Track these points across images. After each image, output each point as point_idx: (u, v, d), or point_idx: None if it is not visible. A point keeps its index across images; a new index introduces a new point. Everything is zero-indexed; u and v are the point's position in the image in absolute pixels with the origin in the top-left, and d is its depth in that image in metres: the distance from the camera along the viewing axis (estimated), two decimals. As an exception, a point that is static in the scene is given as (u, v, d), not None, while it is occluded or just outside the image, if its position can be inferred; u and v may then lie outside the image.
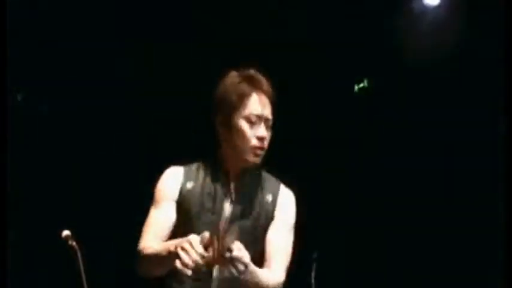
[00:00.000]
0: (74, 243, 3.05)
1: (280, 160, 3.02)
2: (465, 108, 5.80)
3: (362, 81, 6.19)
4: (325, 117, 6.09)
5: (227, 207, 2.96)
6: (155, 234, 2.92)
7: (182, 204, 2.97)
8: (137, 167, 5.65)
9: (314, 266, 5.01)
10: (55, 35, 5.66)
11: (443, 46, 5.54)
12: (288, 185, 3.11)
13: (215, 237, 2.60)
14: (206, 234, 2.59)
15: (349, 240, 6.03)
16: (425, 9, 5.68)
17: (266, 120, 2.96)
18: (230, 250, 2.60)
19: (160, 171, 3.15)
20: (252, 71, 3.01)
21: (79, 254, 3.06)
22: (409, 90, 6.01)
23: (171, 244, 2.68)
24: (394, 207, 6.00)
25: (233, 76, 3.00)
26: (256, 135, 2.93)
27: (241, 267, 2.62)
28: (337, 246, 5.90)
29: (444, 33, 5.56)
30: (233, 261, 2.60)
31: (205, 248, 2.58)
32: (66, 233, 3.08)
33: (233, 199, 2.97)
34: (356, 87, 6.20)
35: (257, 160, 2.98)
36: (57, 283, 5.27)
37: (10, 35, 3.77)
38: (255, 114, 2.93)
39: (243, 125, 2.93)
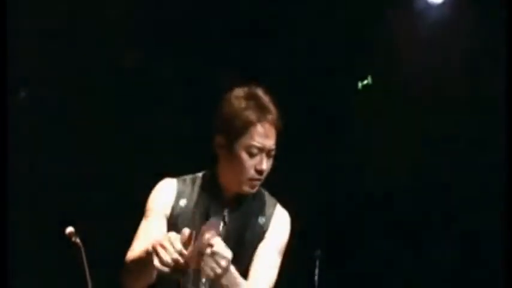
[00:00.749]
0: (78, 240, 3.04)
1: (283, 157, 2.97)
2: (469, 106, 5.80)
3: (366, 78, 6.16)
4: (327, 113, 6.09)
5: (216, 219, 2.83)
6: (144, 246, 2.76)
7: (173, 222, 2.87)
8: (141, 164, 5.65)
9: (317, 264, 5.01)
10: (58, 31, 5.66)
11: (447, 43, 5.55)
12: (285, 204, 3.01)
13: (195, 234, 2.50)
14: (186, 231, 2.47)
15: (351, 238, 6.03)
16: (429, 6, 5.68)
17: (269, 151, 2.84)
18: (211, 245, 2.51)
19: (162, 168, 3.12)
20: (259, 93, 2.85)
21: (83, 251, 3.05)
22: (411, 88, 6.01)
23: (149, 243, 2.55)
24: (397, 203, 6.02)
25: (239, 98, 2.83)
26: (256, 167, 2.82)
27: (223, 262, 2.50)
28: (339, 243, 5.90)
29: (448, 31, 5.57)
30: (214, 256, 2.49)
31: (185, 245, 2.47)
32: (69, 229, 3.07)
33: (226, 222, 2.88)
34: (360, 84, 6.18)
35: (253, 190, 2.88)
36: (60, 280, 5.28)
37: (12, 30, 3.77)
38: (257, 146, 2.80)
39: (243, 155, 2.80)
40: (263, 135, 2.80)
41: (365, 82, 6.15)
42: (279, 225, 2.95)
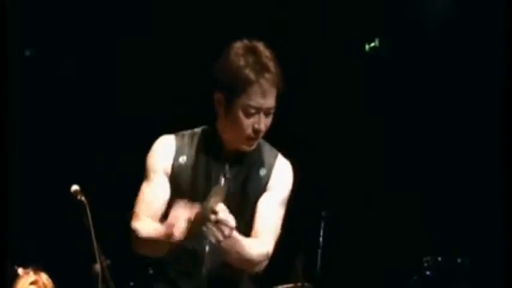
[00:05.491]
0: (83, 198, 3.04)
1: (288, 121, 2.93)
2: (472, 70, 5.79)
3: (373, 40, 6.11)
4: (334, 77, 6.07)
5: (221, 185, 2.83)
6: (149, 212, 2.81)
7: (174, 179, 2.85)
8: (147, 122, 5.64)
9: (323, 225, 5.01)
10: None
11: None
12: (286, 154, 2.98)
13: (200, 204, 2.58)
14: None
15: (358, 199, 6.03)
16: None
17: (267, 109, 2.80)
18: (215, 212, 2.55)
19: (168, 125, 3.10)
20: (260, 48, 2.80)
21: (88, 209, 3.04)
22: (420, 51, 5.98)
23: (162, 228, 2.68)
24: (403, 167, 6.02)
25: (238, 55, 2.78)
26: (254, 126, 2.79)
27: (226, 231, 2.56)
28: (346, 205, 5.90)
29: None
30: (218, 224, 2.55)
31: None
32: (75, 188, 3.06)
33: (227, 176, 2.85)
34: (367, 47, 6.13)
35: (250, 148, 2.86)
36: (66, 239, 5.30)
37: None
38: (255, 106, 2.76)
39: (240, 114, 2.77)
40: (261, 95, 2.76)
41: (372, 44, 6.10)
42: (281, 176, 2.93)
